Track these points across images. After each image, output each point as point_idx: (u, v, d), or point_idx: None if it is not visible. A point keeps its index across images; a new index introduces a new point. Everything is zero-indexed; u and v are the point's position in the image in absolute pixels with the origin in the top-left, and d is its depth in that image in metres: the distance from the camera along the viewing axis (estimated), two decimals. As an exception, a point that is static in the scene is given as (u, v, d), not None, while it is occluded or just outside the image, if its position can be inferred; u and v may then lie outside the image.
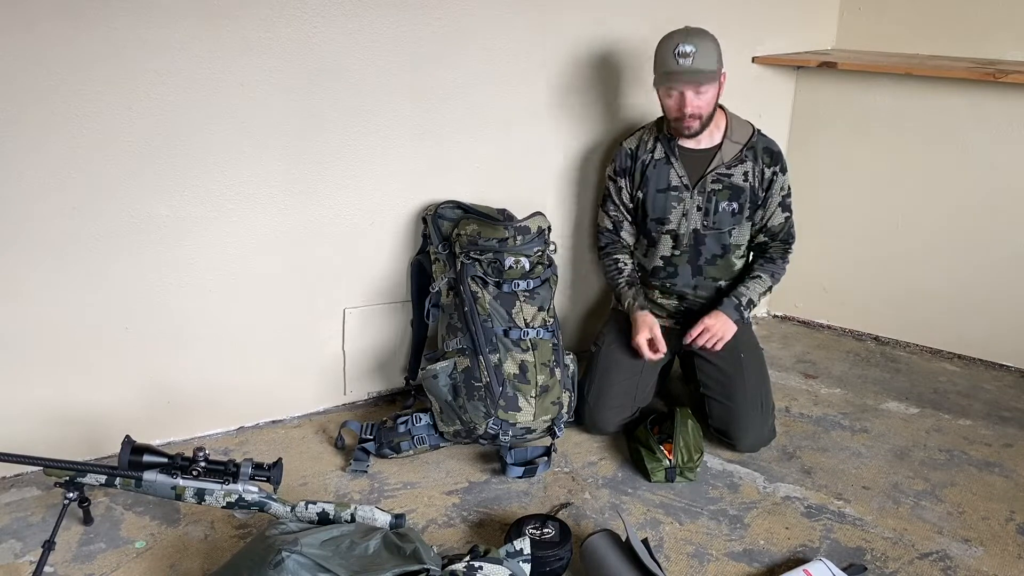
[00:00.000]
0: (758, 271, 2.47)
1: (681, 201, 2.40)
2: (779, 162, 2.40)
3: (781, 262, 2.48)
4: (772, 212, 2.43)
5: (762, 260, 2.50)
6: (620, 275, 2.51)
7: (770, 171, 2.39)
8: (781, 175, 2.40)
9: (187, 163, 2.16)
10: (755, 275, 2.47)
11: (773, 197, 2.41)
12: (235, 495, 1.85)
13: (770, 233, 2.46)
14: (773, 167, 2.39)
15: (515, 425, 2.23)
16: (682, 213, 2.41)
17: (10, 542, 1.97)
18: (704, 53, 2.23)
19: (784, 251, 2.48)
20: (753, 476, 2.32)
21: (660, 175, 2.41)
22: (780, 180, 2.40)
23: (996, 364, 3.00)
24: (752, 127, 2.42)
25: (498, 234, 2.31)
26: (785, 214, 2.44)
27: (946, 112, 2.89)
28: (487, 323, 2.25)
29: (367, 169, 2.40)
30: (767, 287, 2.47)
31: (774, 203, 2.42)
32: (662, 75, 2.28)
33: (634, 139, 2.47)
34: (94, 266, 2.13)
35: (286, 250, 2.37)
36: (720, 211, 2.39)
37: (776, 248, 2.48)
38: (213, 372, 2.37)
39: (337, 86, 2.28)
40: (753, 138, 2.40)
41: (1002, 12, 2.88)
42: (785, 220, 2.45)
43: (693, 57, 2.22)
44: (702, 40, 2.24)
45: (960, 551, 2.04)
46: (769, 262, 2.48)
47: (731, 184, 2.38)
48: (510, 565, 1.71)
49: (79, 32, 1.94)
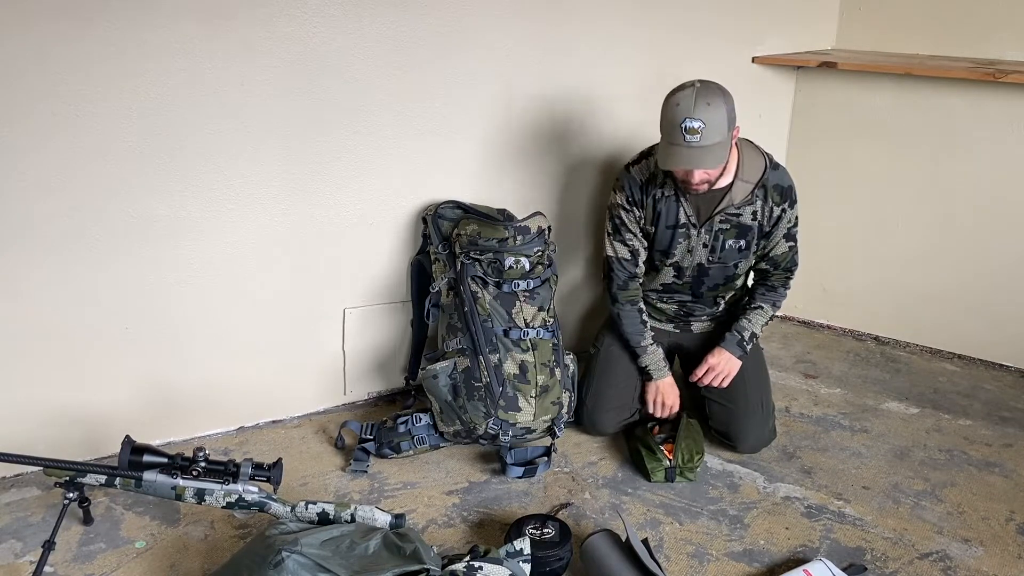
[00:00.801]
0: (760, 301, 2.41)
1: (688, 238, 2.30)
2: (788, 197, 2.29)
3: (783, 290, 2.42)
4: (776, 242, 2.34)
5: (764, 289, 2.42)
6: (645, 329, 2.39)
7: (779, 209, 2.28)
8: (789, 209, 2.29)
9: (187, 163, 2.16)
10: (756, 306, 2.40)
11: (779, 229, 2.31)
12: (235, 495, 1.85)
13: (772, 262, 2.38)
14: (782, 204, 2.28)
15: (515, 425, 2.23)
16: (687, 248, 2.33)
17: (10, 542, 1.97)
18: (714, 125, 2.03)
19: (786, 279, 2.41)
20: (753, 476, 2.32)
21: (669, 211, 2.29)
22: (788, 214, 2.30)
23: (996, 364, 3.00)
24: (765, 161, 2.27)
25: (498, 234, 2.31)
26: (789, 243, 2.35)
27: (946, 112, 2.89)
28: (487, 323, 2.25)
29: (367, 169, 2.40)
30: (769, 317, 2.41)
31: (779, 234, 2.32)
32: (667, 147, 2.09)
33: (643, 169, 2.30)
34: (94, 266, 2.13)
35: (286, 250, 2.37)
36: (727, 248, 2.31)
37: (778, 277, 2.40)
38: (213, 372, 2.37)
39: (337, 86, 2.28)
40: (764, 175, 2.25)
41: (1002, 12, 2.88)
42: (789, 249, 2.36)
43: (702, 134, 2.03)
44: (713, 111, 2.03)
45: (960, 551, 2.04)
46: (771, 291, 2.41)
47: (739, 223, 2.27)
48: (510, 565, 1.71)
49: (79, 32, 1.94)
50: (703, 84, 2.07)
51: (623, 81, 2.75)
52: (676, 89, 2.10)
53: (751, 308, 2.41)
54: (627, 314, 2.39)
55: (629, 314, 2.39)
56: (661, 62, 2.80)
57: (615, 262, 2.36)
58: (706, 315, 2.48)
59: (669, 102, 2.09)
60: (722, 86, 2.10)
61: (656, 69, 2.80)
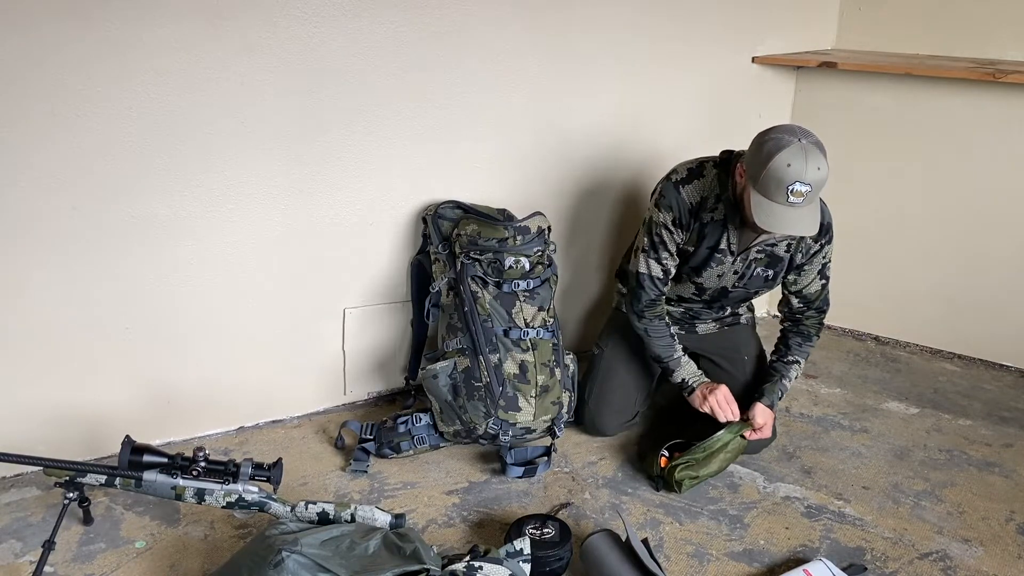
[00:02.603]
0: (796, 355, 2.34)
1: (722, 263, 2.22)
2: (828, 232, 2.20)
3: (816, 339, 2.35)
4: (810, 280, 2.26)
5: (800, 339, 2.34)
6: (675, 342, 2.32)
7: (817, 244, 2.21)
8: (828, 246, 2.22)
9: (187, 163, 2.16)
10: (793, 360, 2.34)
11: (814, 265, 2.24)
12: (235, 495, 1.85)
13: (805, 300, 2.30)
14: (821, 239, 2.20)
15: (515, 425, 2.23)
16: (718, 273, 2.25)
17: (10, 542, 1.97)
18: (819, 188, 1.94)
19: (819, 325, 2.35)
20: (753, 476, 2.32)
21: (713, 234, 2.18)
22: (826, 250, 2.23)
23: (996, 364, 3.00)
24: None
25: (498, 234, 2.31)
26: (822, 281, 2.28)
27: (946, 112, 2.89)
28: (487, 323, 2.25)
29: (367, 169, 2.40)
30: (801, 370, 2.37)
31: (814, 271, 2.25)
32: (767, 204, 1.95)
33: (695, 191, 2.17)
34: (94, 266, 2.13)
35: (286, 250, 2.37)
36: (754, 276, 2.26)
37: (812, 321, 2.33)
38: (213, 372, 2.37)
39: (337, 86, 2.28)
40: None
41: (1002, 12, 2.88)
42: (822, 288, 2.29)
43: (807, 196, 1.91)
44: (821, 175, 1.91)
45: (960, 551, 2.04)
46: (806, 340, 2.34)
47: (772, 254, 2.21)
48: (510, 565, 1.71)
49: (80, 32, 1.94)
50: (810, 143, 1.92)
51: (623, 80, 2.75)
52: (780, 142, 1.92)
53: (787, 362, 2.34)
54: (655, 329, 2.30)
55: (657, 329, 2.30)
56: (662, 62, 2.80)
57: (647, 279, 2.26)
58: (712, 319, 2.47)
59: (778, 159, 1.90)
60: (821, 143, 1.96)
61: (656, 69, 2.80)
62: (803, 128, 1.96)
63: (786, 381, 2.33)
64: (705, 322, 2.46)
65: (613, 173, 2.82)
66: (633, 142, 2.83)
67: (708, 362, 2.45)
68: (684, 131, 2.90)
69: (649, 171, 2.75)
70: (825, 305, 2.34)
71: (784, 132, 1.95)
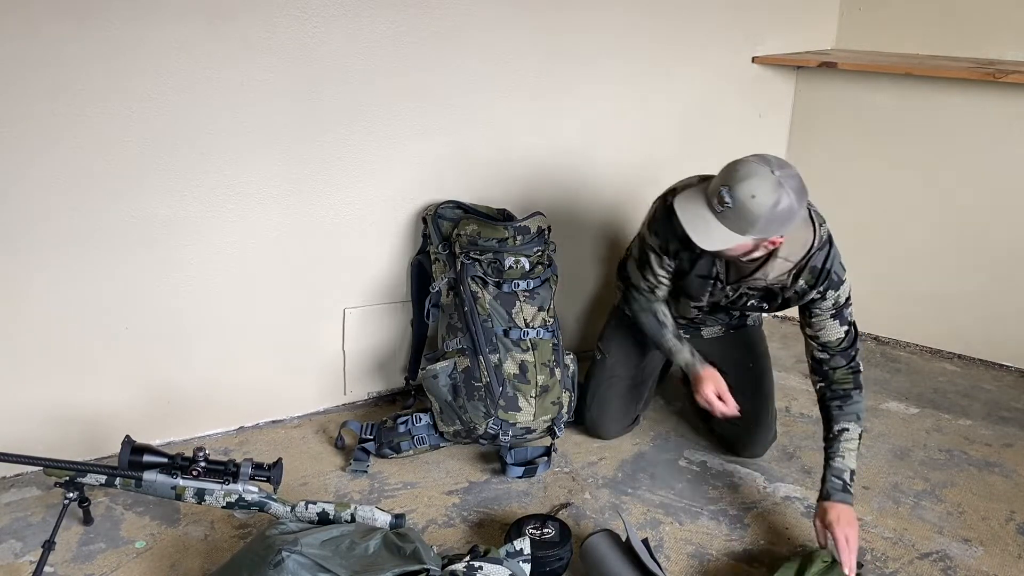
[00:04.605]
0: (842, 423, 2.03)
1: (712, 289, 2.17)
2: (826, 280, 2.03)
3: (857, 394, 2.06)
4: (823, 326, 2.08)
5: (837, 402, 2.06)
6: (665, 329, 2.25)
7: (813, 292, 2.04)
8: (831, 292, 2.04)
9: (187, 163, 2.16)
10: (841, 430, 2.03)
11: (824, 312, 2.06)
12: (235, 495, 1.85)
13: (828, 349, 2.08)
14: (817, 287, 2.04)
15: (515, 425, 2.23)
16: (709, 297, 2.20)
17: (10, 542, 1.97)
18: (741, 215, 1.80)
19: (854, 375, 2.07)
20: (753, 476, 2.32)
21: (704, 264, 2.12)
22: (831, 297, 2.05)
23: (996, 364, 3.00)
24: (813, 240, 2.00)
25: (498, 234, 2.31)
26: (844, 328, 2.07)
27: (946, 112, 2.89)
28: (487, 323, 2.25)
29: (367, 169, 2.40)
30: (859, 436, 2.05)
31: (824, 316, 2.07)
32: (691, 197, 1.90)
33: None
34: (94, 266, 2.13)
35: (286, 250, 2.37)
36: (746, 304, 2.22)
37: (843, 374, 2.07)
38: (213, 372, 2.37)
39: (337, 86, 2.28)
40: (809, 252, 2.00)
41: (1002, 12, 2.88)
42: (845, 334, 2.07)
43: (726, 210, 1.82)
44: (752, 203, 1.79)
45: (960, 551, 2.04)
46: (845, 401, 2.05)
47: (764, 288, 2.11)
48: (510, 565, 1.71)
49: (80, 32, 1.94)
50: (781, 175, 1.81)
51: (624, 79, 2.75)
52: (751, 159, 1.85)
53: (836, 439, 2.03)
54: (643, 320, 2.28)
55: (645, 320, 2.27)
56: (662, 61, 2.80)
57: (634, 287, 2.27)
58: (719, 324, 2.43)
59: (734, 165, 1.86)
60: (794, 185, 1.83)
61: (657, 68, 2.80)
62: (783, 161, 1.86)
63: (839, 461, 2.00)
64: (711, 327, 2.44)
65: (613, 173, 2.82)
66: (633, 142, 2.83)
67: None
68: (684, 131, 2.90)
69: (649, 171, 2.75)
70: (853, 351, 2.08)
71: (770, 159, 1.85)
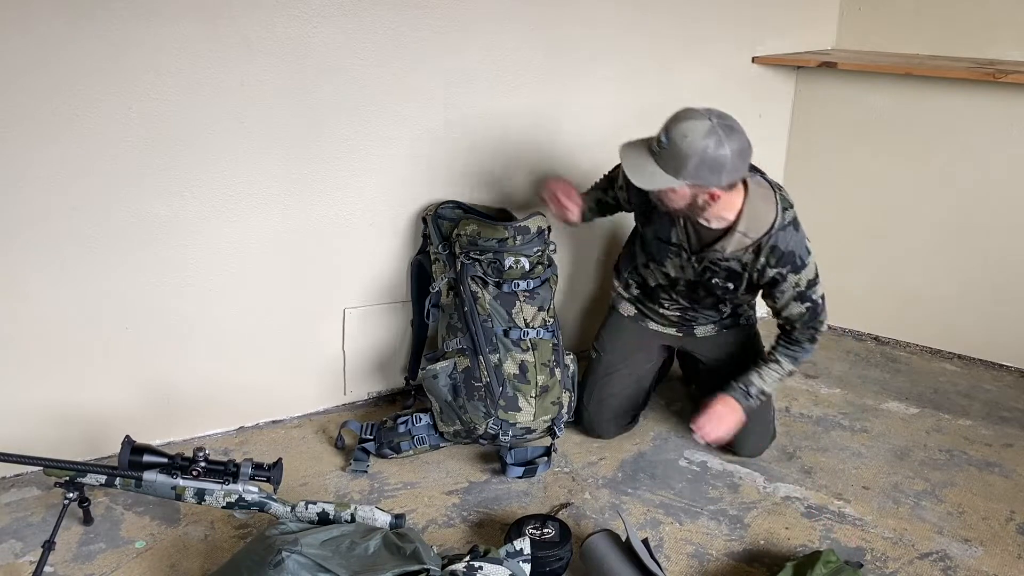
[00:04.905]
0: (778, 354, 2.24)
1: (679, 256, 2.21)
2: (788, 263, 2.08)
3: (808, 344, 2.22)
4: (785, 303, 2.16)
5: (785, 342, 2.24)
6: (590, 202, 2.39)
7: (774, 271, 2.09)
8: (793, 275, 2.10)
9: (187, 163, 2.16)
10: (773, 359, 2.24)
11: (785, 293, 2.13)
12: (235, 495, 1.85)
13: (788, 322, 2.21)
14: (778, 268, 2.09)
15: (515, 425, 2.23)
16: (679, 265, 2.23)
17: (10, 542, 1.97)
18: (674, 154, 1.89)
19: (811, 336, 2.21)
20: (753, 476, 2.32)
21: (663, 225, 2.19)
22: (792, 280, 2.10)
23: (996, 364, 3.00)
24: (774, 219, 2.06)
25: (498, 234, 2.31)
26: (805, 305, 2.15)
27: (946, 112, 2.89)
28: (487, 323, 2.25)
29: (367, 169, 2.40)
30: (786, 372, 2.24)
31: (787, 297, 2.14)
32: (635, 140, 2.02)
33: None
34: (94, 266, 2.13)
35: (286, 250, 2.37)
36: (713, 283, 2.22)
37: (801, 333, 2.21)
38: (213, 372, 2.37)
39: (337, 86, 2.28)
40: (769, 231, 2.06)
41: (1002, 12, 2.88)
42: (807, 310, 2.16)
43: (661, 151, 1.92)
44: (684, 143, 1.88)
45: (960, 551, 2.04)
46: (793, 345, 2.23)
47: (728, 268, 2.15)
48: (510, 565, 1.71)
49: (80, 32, 1.94)
50: (716, 123, 1.88)
51: (624, 80, 2.75)
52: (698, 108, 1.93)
53: (767, 361, 2.25)
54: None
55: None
56: (662, 61, 2.80)
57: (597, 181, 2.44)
58: (710, 322, 2.43)
59: (678, 113, 1.95)
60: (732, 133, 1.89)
61: (657, 68, 2.80)
62: (730, 118, 1.92)
63: (755, 375, 2.23)
64: (703, 325, 2.44)
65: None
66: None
67: (707, 365, 2.45)
68: (684, 131, 2.90)
69: (649, 171, 2.74)
70: (816, 323, 2.19)
71: (715, 112, 1.92)
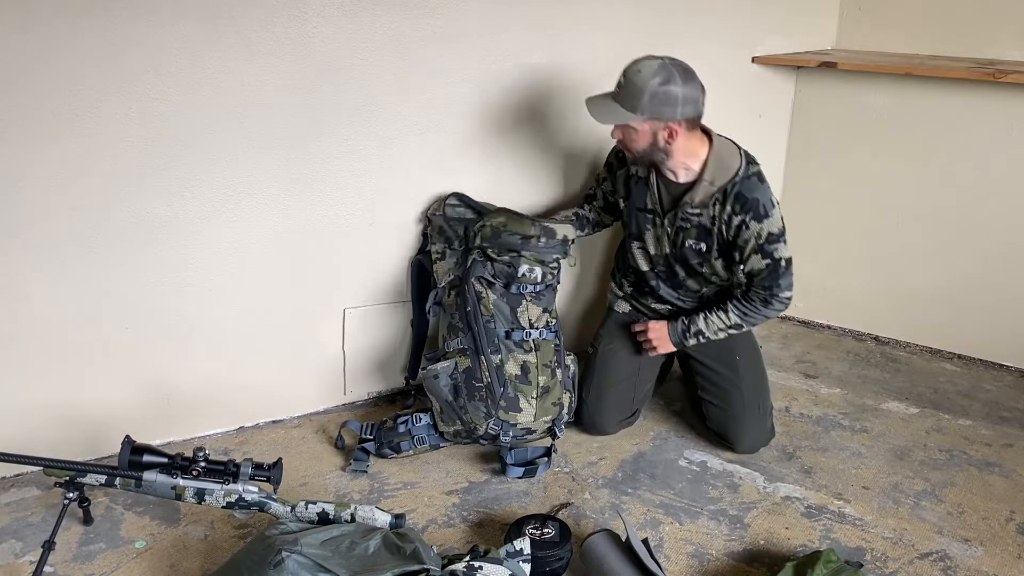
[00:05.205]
0: (729, 304, 2.30)
1: (654, 225, 2.31)
2: (751, 209, 2.15)
3: (760, 305, 2.25)
4: (747, 256, 2.20)
5: (740, 295, 2.30)
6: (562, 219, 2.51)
7: (739, 219, 2.16)
8: (756, 223, 2.16)
9: (187, 163, 2.16)
10: (721, 307, 2.31)
11: (748, 243, 2.18)
12: (235, 495, 1.85)
13: (749, 277, 2.24)
14: (742, 215, 2.16)
15: (516, 426, 2.23)
16: (655, 236, 2.33)
17: (10, 542, 1.97)
18: (631, 92, 2.07)
19: (766, 297, 2.24)
20: (753, 476, 2.32)
21: (639, 193, 2.32)
22: (754, 228, 2.16)
23: (996, 364, 3.00)
24: (739, 165, 2.19)
25: (524, 229, 2.30)
26: (766, 261, 2.19)
27: (946, 112, 2.89)
28: (489, 323, 2.25)
29: (367, 169, 2.40)
30: (731, 324, 2.30)
31: (748, 248, 2.19)
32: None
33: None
34: (94, 266, 2.13)
35: (286, 250, 2.37)
36: (686, 246, 2.27)
37: (756, 291, 2.25)
38: (213, 372, 2.37)
39: (337, 86, 2.28)
40: (734, 178, 2.17)
41: (1002, 12, 2.88)
42: (767, 267, 2.19)
43: (620, 89, 2.11)
44: (638, 77, 2.06)
45: (960, 551, 2.04)
46: (744, 301, 2.28)
47: (698, 224, 2.22)
48: (510, 565, 1.71)
49: (80, 32, 1.94)
50: (668, 61, 2.09)
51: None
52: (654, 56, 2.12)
53: (718, 306, 2.32)
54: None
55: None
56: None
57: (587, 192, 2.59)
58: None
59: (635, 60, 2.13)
60: (682, 70, 2.09)
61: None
62: (683, 62, 2.12)
63: (700, 316, 2.33)
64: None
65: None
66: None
67: (701, 365, 2.45)
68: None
69: (649, 171, 2.75)
70: (773, 286, 2.22)
71: (668, 57, 2.11)
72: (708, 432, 2.45)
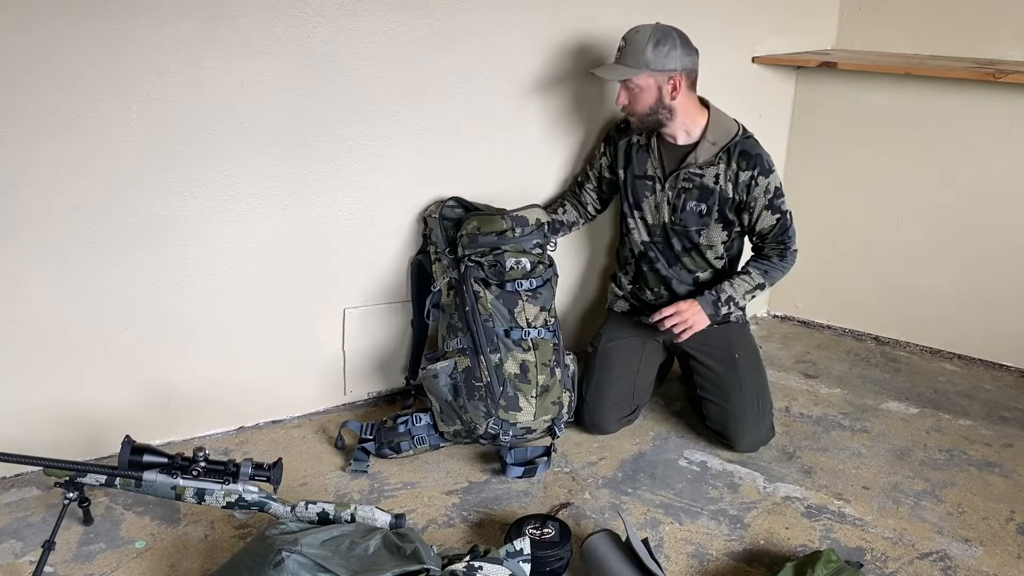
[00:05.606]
0: (749, 267, 2.41)
1: (653, 192, 2.41)
2: (758, 165, 2.31)
3: (778, 260, 2.39)
4: (758, 215, 2.35)
5: (756, 257, 2.43)
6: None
7: (747, 175, 2.31)
8: (763, 178, 2.31)
9: (187, 163, 2.16)
10: (744, 271, 2.41)
11: (758, 200, 2.33)
12: (235, 495, 1.85)
13: (760, 236, 2.39)
14: (750, 171, 2.30)
15: (515, 425, 2.23)
16: (654, 204, 2.41)
17: (10, 542, 1.97)
18: (633, 50, 2.24)
19: (781, 251, 2.38)
20: (753, 476, 2.32)
21: (640, 161, 2.43)
22: (763, 183, 2.31)
23: (996, 364, 3.00)
24: (737, 128, 2.36)
25: (496, 227, 2.31)
26: (776, 216, 2.35)
27: (946, 112, 2.89)
28: (488, 323, 2.25)
29: (367, 169, 2.40)
30: (756, 285, 2.39)
31: (759, 206, 2.34)
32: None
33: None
34: (94, 266, 2.13)
35: (286, 250, 2.37)
36: (687, 210, 2.36)
37: (771, 247, 2.39)
38: (213, 372, 2.37)
39: (337, 86, 2.28)
40: (734, 139, 2.33)
41: (1002, 12, 2.88)
42: (777, 221, 2.35)
43: (621, 51, 2.28)
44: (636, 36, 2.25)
45: (960, 551, 2.04)
46: (764, 259, 2.40)
47: (701, 185, 2.34)
48: (510, 565, 1.71)
49: (80, 32, 1.94)
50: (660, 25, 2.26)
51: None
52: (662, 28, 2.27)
53: (739, 273, 2.42)
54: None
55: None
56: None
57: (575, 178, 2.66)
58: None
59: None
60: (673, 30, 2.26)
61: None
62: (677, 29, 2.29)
63: (727, 284, 2.38)
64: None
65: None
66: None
67: (700, 364, 2.45)
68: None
69: (649, 171, 2.75)
70: (787, 239, 2.38)
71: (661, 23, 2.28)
72: (708, 431, 2.45)
